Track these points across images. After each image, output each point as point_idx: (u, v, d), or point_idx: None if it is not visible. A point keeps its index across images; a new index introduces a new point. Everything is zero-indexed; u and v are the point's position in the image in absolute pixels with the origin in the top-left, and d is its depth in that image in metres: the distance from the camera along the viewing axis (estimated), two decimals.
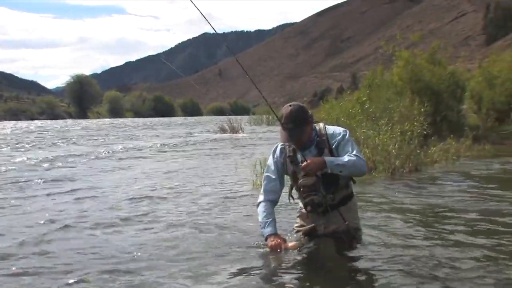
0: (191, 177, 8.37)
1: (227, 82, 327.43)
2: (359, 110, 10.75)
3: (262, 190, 3.68)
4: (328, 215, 3.48)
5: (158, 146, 16.39)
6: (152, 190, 7.02)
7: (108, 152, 13.96)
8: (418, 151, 8.45)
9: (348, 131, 3.57)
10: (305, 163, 3.30)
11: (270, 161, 3.68)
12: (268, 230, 3.48)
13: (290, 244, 3.48)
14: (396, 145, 8.02)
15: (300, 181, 3.41)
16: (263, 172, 7.07)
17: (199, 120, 63.79)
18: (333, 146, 3.47)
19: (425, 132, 9.31)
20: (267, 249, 3.50)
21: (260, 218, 3.56)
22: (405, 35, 20.32)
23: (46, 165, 10.68)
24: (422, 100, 10.84)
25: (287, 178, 3.70)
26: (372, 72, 14.44)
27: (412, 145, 8.29)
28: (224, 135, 23.24)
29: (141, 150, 14.95)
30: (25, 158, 11.97)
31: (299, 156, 3.48)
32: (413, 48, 14.47)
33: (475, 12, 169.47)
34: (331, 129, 3.58)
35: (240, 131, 24.10)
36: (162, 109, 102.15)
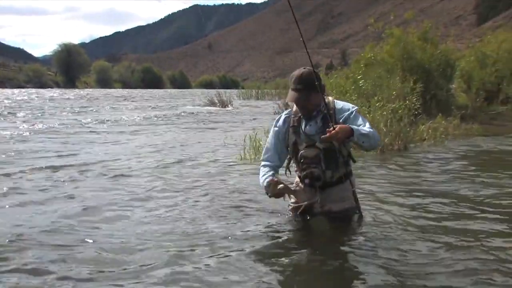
0: (178, 150, 8.26)
1: (216, 55, 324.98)
2: (353, 87, 10.63)
3: (262, 158, 3.67)
4: (325, 192, 3.43)
5: (144, 118, 16.18)
6: (137, 163, 6.84)
7: (91, 124, 13.79)
8: (408, 129, 8.42)
9: (357, 107, 3.50)
10: (333, 130, 3.10)
11: (271, 132, 3.63)
12: (267, 181, 3.39)
13: (280, 190, 3.33)
14: (387, 123, 7.97)
15: (300, 152, 3.37)
16: (252, 146, 7.11)
17: (188, 92, 63.33)
18: (340, 121, 3.35)
19: (415, 112, 9.27)
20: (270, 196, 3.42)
21: (260, 178, 3.50)
22: (396, 13, 20.15)
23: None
24: (414, 79, 10.77)
25: None
26: (369, 49, 14.18)
27: (402, 123, 8.25)
28: (213, 108, 23.12)
29: (128, 123, 14.77)
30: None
31: (302, 126, 3.44)
32: (405, 26, 14.33)
33: None
34: (340, 104, 3.49)
35: (229, 105, 24.04)
36: (150, 81, 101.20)
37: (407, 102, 9.01)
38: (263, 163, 3.61)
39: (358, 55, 15.07)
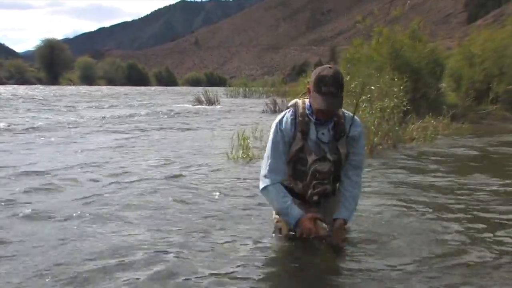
0: (164, 150, 8.19)
1: (203, 52, 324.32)
2: None
3: (266, 170, 3.10)
4: (323, 206, 3.14)
5: (127, 117, 16.04)
6: (121, 163, 6.75)
7: (81, 121, 13.67)
8: (397, 128, 8.47)
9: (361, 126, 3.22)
10: (338, 233, 3.04)
11: (276, 134, 3.09)
12: (296, 213, 3.01)
13: (320, 232, 3.04)
14: (376, 122, 8.01)
15: (314, 166, 3.01)
16: (241, 144, 7.08)
17: (174, 90, 63.05)
18: (350, 136, 3.09)
19: (404, 109, 9.33)
20: (297, 233, 3.10)
21: (276, 203, 3.07)
22: (385, 11, 20.23)
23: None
24: (402, 77, 10.85)
25: None
26: (354, 47, 14.31)
27: (391, 122, 8.30)
28: (200, 106, 23.08)
29: (113, 120, 14.65)
30: None
31: (312, 133, 3.05)
32: (394, 23, 14.41)
33: None
34: (347, 113, 3.16)
35: (216, 103, 24.04)
36: (136, 78, 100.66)
37: (395, 100, 9.06)
38: (271, 177, 3.07)
39: (347, 52, 15.15)
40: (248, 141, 7.37)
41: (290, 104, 3.27)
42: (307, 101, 3.12)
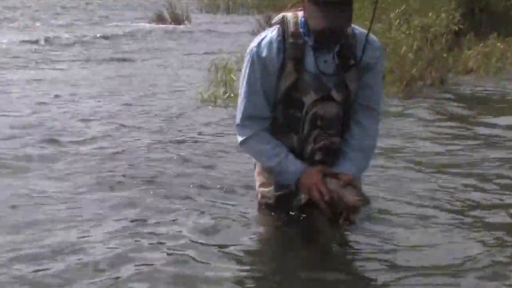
0: (116, 88, 8.19)
1: None
2: None
3: (240, 118, 2.99)
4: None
5: (51, 42, 15.74)
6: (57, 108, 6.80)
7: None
8: (446, 55, 8.45)
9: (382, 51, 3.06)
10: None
11: (252, 65, 2.91)
12: (295, 168, 2.88)
13: (348, 196, 2.77)
14: (414, 46, 7.98)
15: (314, 108, 2.86)
16: (221, 80, 7.06)
17: (126, 2, 62.05)
18: (363, 61, 2.87)
19: (456, 28, 9.28)
20: (305, 196, 2.98)
21: (264, 158, 2.98)
22: None
23: None
24: None
25: None
26: None
27: (437, 46, 8.28)
28: (161, 26, 22.81)
29: (49, 47, 14.46)
30: None
31: (309, 61, 2.87)
32: None
33: None
34: (361, 32, 2.94)
35: (186, 21, 23.76)
36: None
37: (443, 15, 8.96)
38: (250, 125, 2.96)
39: None
40: (232, 75, 7.30)
41: (275, 20, 3.11)
42: (300, 14, 2.91)
